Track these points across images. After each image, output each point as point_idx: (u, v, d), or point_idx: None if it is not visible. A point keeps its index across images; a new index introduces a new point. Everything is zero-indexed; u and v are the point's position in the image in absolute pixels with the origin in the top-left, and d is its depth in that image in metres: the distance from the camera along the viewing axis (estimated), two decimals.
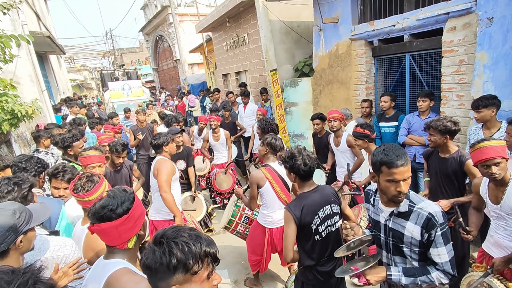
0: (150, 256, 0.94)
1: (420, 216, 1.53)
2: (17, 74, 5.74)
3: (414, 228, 1.54)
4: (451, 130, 2.56)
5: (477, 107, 2.83)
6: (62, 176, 2.32)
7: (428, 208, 1.52)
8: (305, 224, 2.00)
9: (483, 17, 3.08)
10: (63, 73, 14.46)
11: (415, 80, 4.21)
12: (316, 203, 2.04)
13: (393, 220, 1.64)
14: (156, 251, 0.93)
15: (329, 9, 5.19)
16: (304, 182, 2.10)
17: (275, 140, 2.90)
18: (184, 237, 0.96)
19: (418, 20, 3.70)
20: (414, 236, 1.55)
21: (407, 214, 1.58)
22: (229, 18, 8.47)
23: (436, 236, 1.50)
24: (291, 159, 2.04)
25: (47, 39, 7.55)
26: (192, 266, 0.93)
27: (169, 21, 16.83)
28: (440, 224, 1.49)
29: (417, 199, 1.59)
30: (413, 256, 1.61)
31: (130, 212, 1.28)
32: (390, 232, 1.66)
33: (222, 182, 4.90)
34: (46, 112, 6.44)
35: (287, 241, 2.00)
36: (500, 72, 3.02)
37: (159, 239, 0.96)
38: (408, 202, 1.58)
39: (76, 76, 29.33)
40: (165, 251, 0.92)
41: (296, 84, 6.33)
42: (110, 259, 1.31)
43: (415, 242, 1.56)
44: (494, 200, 2.06)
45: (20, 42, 3.80)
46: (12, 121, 3.79)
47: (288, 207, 2.04)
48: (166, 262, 0.91)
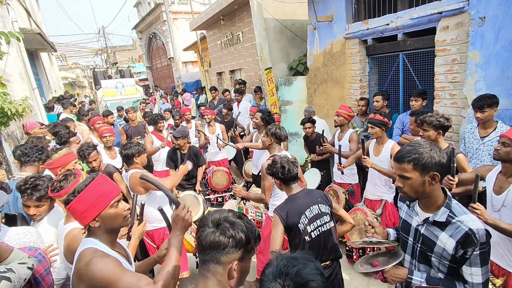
0: (218, 234, 1.06)
1: (458, 230, 1.40)
2: (7, 71, 5.63)
3: (448, 240, 1.42)
4: (444, 125, 2.62)
5: (481, 106, 2.75)
6: (30, 194, 1.95)
7: (469, 223, 1.38)
8: (292, 225, 2.01)
9: (475, 16, 3.11)
10: (54, 71, 14.25)
11: (409, 78, 4.24)
12: (303, 203, 2.08)
13: (427, 226, 1.52)
14: (228, 228, 1.06)
15: (323, 7, 5.19)
16: (288, 185, 2.18)
17: (279, 129, 2.94)
18: (244, 220, 1.12)
19: (412, 19, 3.72)
20: (447, 248, 1.43)
21: (444, 224, 1.45)
22: (223, 16, 8.43)
23: (473, 256, 1.36)
24: (272, 166, 2.18)
25: (38, 36, 7.42)
26: (253, 245, 1.11)
27: (163, 18, 16.68)
28: (480, 243, 1.35)
29: (460, 211, 1.45)
30: (441, 268, 1.50)
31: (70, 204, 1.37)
32: (421, 239, 1.56)
33: (219, 181, 4.89)
34: (37, 111, 6.34)
35: (274, 244, 2.00)
36: (492, 71, 3.06)
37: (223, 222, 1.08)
38: (448, 212, 1.45)
39: (68, 74, 28.92)
40: (237, 228, 1.07)
41: (291, 83, 6.33)
42: (85, 238, 1.43)
43: (446, 255, 1.44)
44: (497, 190, 2.09)
45: (10, 39, 3.73)
46: (2, 119, 3.73)
47: (275, 210, 2.09)
48: (238, 239, 1.06)
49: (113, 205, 1.41)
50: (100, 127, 4.29)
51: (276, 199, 2.90)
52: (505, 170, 2.07)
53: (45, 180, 2.02)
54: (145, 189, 2.86)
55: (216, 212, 1.13)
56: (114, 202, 1.41)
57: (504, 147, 2.00)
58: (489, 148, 2.81)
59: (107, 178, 1.47)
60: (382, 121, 3.13)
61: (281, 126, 2.99)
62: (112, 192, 1.42)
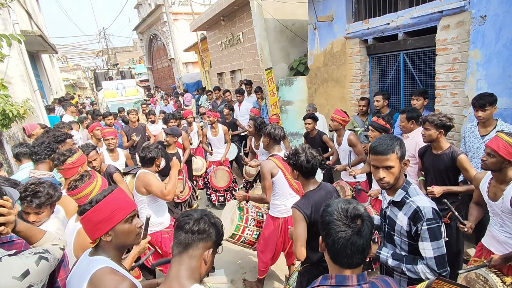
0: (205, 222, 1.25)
1: (410, 208, 1.61)
2: (8, 73, 5.65)
3: (403, 218, 1.63)
4: (446, 125, 2.61)
5: (483, 105, 2.74)
6: (30, 201, 1.89)
7: (418, 202, 1.59)
8: (315, 222, 2.01)
9: (476, 15, 3.10)
10: (55, 73, 14.29)
11: (410, 78, 4.23)
12: (323, 200, 2.04)
13: (391, 208, 1.74)
14: (213, 218, 1.30)
15: (323, 7, 5.19)
16: (307, 179, 2.14)
17: (274, 129, 2.93)
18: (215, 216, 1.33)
19: (412, 18, 3.71)
20: (403, 225, 1.64)
21: (401, 204, 1.67)
22: (224, 16, 8.44)
23: (422, 230, 1.54)
24: (295, 155, 2.10)
25: (39, 38, 7.45)
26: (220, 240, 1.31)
27: (163, 19, 16.71)
28: (427, 219, 1.53)
29: (414, 193, 1.65)
30: (403, 247, 1.70)
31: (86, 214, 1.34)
32: (387, 220, 1.77)
33: (219, 179, 4.90)
34: (39, 112, 6.35)
35: (299, 241, 1.99)
36: (493, 70, 3.05)
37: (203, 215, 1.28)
38: (404, 193, 1.67)
39: (69, 76, 29.01)
40: (219, 221, 1.30)
41: (291, 83, 6.33)
42: (94, 256, 1.36)
43: (404, 232, 1.64)
44: (492, 197, 2.08)
45: (11, 42, 3.74)
46: (3, 121, 3.74)
47: (297, 206, 2.04)
48: (218, 229, 1.28)
49: (128, 220, 1.39)
50: (103, 129, 4.28)
51: (276, 198, 2.90)
52: (495, 177, 2.05)
53: (46, 186, 1.96)
54: (147, 191, 2.88)
55: (197, 209, 1.33)
56: (129, 217, 1.39)
57: (490, 157, 1.99)
58: None
59: (124, 192, 1.46)
60: (383, 126, 3.12)
61: (277, 126, 2.98)
62: (128, 207, 1.40)
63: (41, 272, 1.36)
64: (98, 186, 2.04)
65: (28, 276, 1.28)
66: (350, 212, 1.14)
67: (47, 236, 1.60)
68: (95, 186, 2.02)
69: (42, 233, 1.59)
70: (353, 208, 1.15)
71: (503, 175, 1.98)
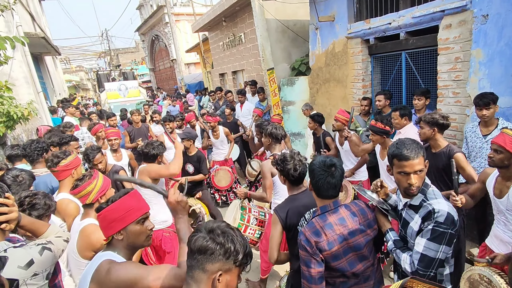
0: (208, 239, 1.05)
1: (425, 210, 1.55)
2: (12, 75, 5.70)
3: (418, 220, 1.57)
4: (438, 123, 2.62)
5: (487, 103, 2.74)
6: (29, 215, 1.79)
7: (435, 205, 1.52)
8: (291, 226, 2.00)
9: (478, 14, 3.09)
10: (59, 74, 14.38)
11: (412, 77, 4.23)
12: (303, 205, 2.03)
13: (406, 210, 1.68)
14: (219, 235, 1.06)
15: (325, 7, 5.19)
16: (293, 185, 2.14)
17: (275, 129, 2.94)
18: (236, 232, 1.10)
19: (414, 17, 3.71)
20: (415, 227, 1.58)
21: (417, 207, 1.60)
22: (225, 17, 8.46)
23: (426, 228, 1.50)
24: (283, 162, 2.08)
25: (42, 40, 7.50)
26: (241, 260, 1.06)
27: (165, 20, 16.78)
28: (436, 221, 1.47)
29: (432, 196, 1.58)
30: None
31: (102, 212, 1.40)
32: (402, 221, 1.72)
33: (221, 179, 4.90)
34: (42, 114, 6.40)
35: (272, 242, 2.00)
36: (496, 69, 3.04)
37: (214, 229, 1.07)
38: (423, 197, 1.59)
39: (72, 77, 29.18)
40: (228, 238, 1.05)
41: (293, 83, 6.33)
42: (103, 252, 1.43)
43: (414, 233, 1.59)
44: (497, 194, 2.08)
45: (15, 44, 3.78)
46: (8, 123, 3.77)
47: (275, 209, 2.07)
48: (227, 247, 1.04)
49: (140, 221, 1.43)
50: (106, 129, 4.31)
51: (277, 197, 2.91)
52: (502, 174, 2.05)
53: (41, 197, 1.91)
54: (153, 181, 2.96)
55: (212, 221, 1.13)
56: (141, 218, 1.43)
57: (497, 154, 1.98)
58: None
59: (139, 195, 1.50)
60: (383, 129, 3.08)
61: (277, 125, 2.99)
62: (141, 209, 1.44)
63: (45, 261, 1.45)
64: (99, 185, 2.07)
65: (33, 265, 1.38)
66: (327, 163, 1.62)
67: (52, 228, 1.67)
68: (95, 185, 2.06)
69: (47, 226, 1.67)
70: (329, 160, 1.64)
71: (510, 172, 1.98)
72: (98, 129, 4.71)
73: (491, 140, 2.09)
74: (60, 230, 1.71)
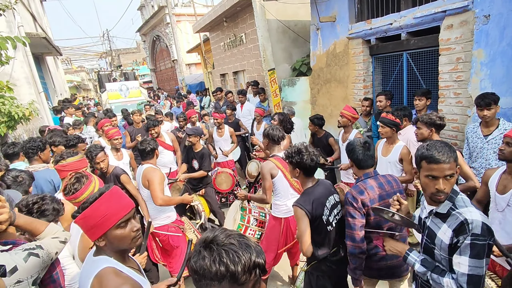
0: (199, 260, 0.90)
1: (456, 220, 1.44)
2: (13, 76, 5.71)
3: (447, 231, 1.47)
4: (436, 123, 2.69)
5: (489, 104, 2.73)
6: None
7: (467, 214, 1.41)
8: (317, 217, 2.05)
9: (479, 14, 3.08)
10: (60, 75, 14.40)
11: (413, 78, 4.22)
12: (322, 195, 2.11)
13: (432, 219, 1.58)
14: (206, 257, 0.90)
15: (326, 8, 5.19)
16: (307, 177, 2.17)
17: (272, 130, 2.95)
18: (234, 244, 0.91)
19: (415, 18, 3.70)
20: (444, 239, 1.47)
21: (445, 216, 1.50)
22: (226, 17, 8.47)
23: (464, 244, 1.37)
24: (298, 154, 2.10)
25: (44, 41, 7.52)
26: (240, 277, 0.88)
27: (166, 21, 16.81)
28: (473, 233, 1.36)
29: (462, 204, 1.48)
30: (444, 263, 1.53)
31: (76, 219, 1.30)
32: (426, 231, 1.62)
33: (222, 182, 4.89)
34: (44, 114, 6.41)
35: (304, 237, 2.01)
36: (497, 69, 3.03)
37: (209, 243, 0.92)
38: (451, 205, 1.49)
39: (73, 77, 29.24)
40: (215, 258, 0.88)
41: (294, 84, 6.33)
42: (98, 256, 1.33)
43: (444, 246, 1.48)
44: (501, 190, 2.08)
45: (16, 44, 3.79)
46: (9, 123, 3.78)
47: (298, 203, 2.07)
48: (215, 269, 0.88)
49: (120, 225, 1.30)
50: (108, 129, 4.33)
51: (278, 198, 2.91)
52: (510, 169, 2.05)
53: (49, 202, 1.84)
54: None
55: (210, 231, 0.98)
56: (121, 222, 1.30)
57: (509, 147, 1.99)
58: (493, 146, 2.78)
59: (118, 192, 1.35)
60: (393, 121, 3.05)
61: (275, 127, 3.00)
62: (120, 212, 1.30)
63: (30, 268, 1.39)
64: (96, 188, 2.03)
65: (16, 272, 1.33)
66: (361, 141, 2.04)
67: (50, 228, 1.61)
68: (94, 187, 2.02)
69: (45, 225, 1.60)
70: (363, 138, 2.07)
71: None
72: (104, 123, 4.77)
73: (504, 134, 2.11)
74: (59, 230, 1.65)
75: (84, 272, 1.35)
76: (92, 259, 1.34)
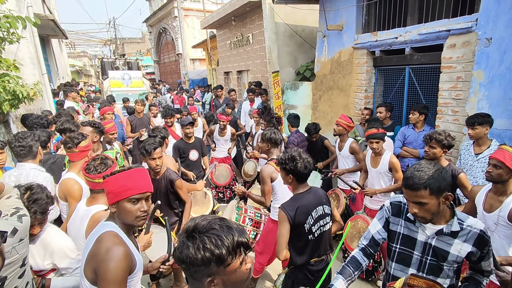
0: (184, 250, 0.95)
1: (470, 234, 1.49)
2: (18, 55, 5.69)
3: (463, 245, 1.50)
4: (451, 145, 2.70)
5: (472, 124, 2.88)
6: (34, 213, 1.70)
7: (477, 225, 1.51)
8: (299, 224, 2.06)
9: (482, 37, 3.18)
10: (63, 58, 14.35)
11: (413, 92, 4.31)
12: (310, 204, 2.11)
13: (439, 238, 1.54)
14: (190, 246, 0.94)
15: (334, 16, 5.27)
16: (300, 184, 2.18)
17: (274, 134, 3.00)
18: (216, 229, 0.96)
19: (420, 34, 3.79)
20: (461, 254, 1.51)
21: (456, 232, 1.52)
22: (235, 17, 8.52)
23: (488, 251, 1.53)
24: (292, 161, 2.10)
25: (51, 23, 7.52)
26: (226, 258, 0.94)
27: (174, 14, 16.81)
28: (489, 241, 1.52)
29: (463, 216, 1.56)
30: (449, 274, 1.58)
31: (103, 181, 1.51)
32: (431, 251, 1.57)
33: (220, 175, 4.94)
34: (46, 96, 6.41)
35: (280, 240, 2.05)
36: (495, 91, 3.13)
37: (191, 232, 0.96)
38: (458, 220, 1.52)
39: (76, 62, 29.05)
40: (199, 246, 0.93)
41: (297, 88, 6.41)
42: (106, 221, 1.51)
43: (459, 260, 1.53)
44: (488, 209, 2.12)
45: (26, 24, 3.81)
46: (12, 101, 3.80)
47: (282, 207, 2.09)
48: (201, 256, 0.92)
49: (132, 200, 1.46)
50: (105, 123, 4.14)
51: (277, 202, 2.94)
52: (496, 189, 2.10)
53: (39, 190, 1.79)
54: None
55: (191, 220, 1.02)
56: (133, 198, 1.45)
57: (496, 169, 2.02)
58: (482, 165, 2.87)
59: (143, 174, 1.52)
60: (382, 133, 3.15)
61: (276, 131, 3.05)
62: (136, 189, 1.45)
63: (26, 226, 1.52)
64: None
65: (17, 233, 1.44)
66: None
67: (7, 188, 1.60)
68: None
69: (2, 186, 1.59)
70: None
71: (504, 187, 2.04)
72: (106, 110, 4.79)
73: (490, 155, 2.14)
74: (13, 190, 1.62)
75: (93, 232, 1.51)
76: (102, 223, 1.51)
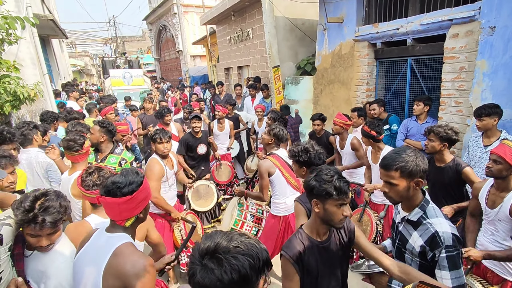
0: (208, 275, 0.85)
1: (426, 231, 1.49)
2: (19, 56, 5.71)
3: (418, 239, 1.53)
4: (451, 139, 2.54)
5: (479, 115, 2.82)
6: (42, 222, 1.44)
7: (437, 226, 1.46)
8: None
9: (485, 25, 3.12)
10: (64, 58, 14.36)
11: (416, 84, 4.26)
12: None
13: (404, 224, 1.64)
14: (215, 269, 0.85)
15: (334, 8, 5.21)
16: None
17: (282, 131, 2.97)
18: (240, 247, 0.88)
19: (422, 25, 3.73)
20: (415, 246, 1.53)
21: (416, 224, 1.55)
22: (234, 12, 8.46)
23: (440, 258, 1.42)
24: (306, 153, 2.11)
25: (51, 23, 7.51)
26: (252, 278, 0.87)
27: (174, 11, 16.73)
28: (446, 246, 1.41)
29: (432, 214, 1.53)
30: (413, 266, 1.58)
31: (135, 194, 1.36)
32: (399, 235, 1.68)
33: (222, 174, 4.95)
34: (47, 96, 6.43)
35: None
36: (499, 81, 3.08)
37: (213, 253, 0.87)
38: (422, 213, 1.54)
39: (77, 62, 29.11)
40: (226, 269, 0.84)
41: (298, 82, 6.36)
42: (114, 233, 1.41)
43: (415, 252, 1.55)
44: (490, 205, 2.10)
45: (25, 24, 3.80)
46: (14, 102, 3.81)
47: (299, 200, 2.09)
48: (228, 279, 0.84)
49: None
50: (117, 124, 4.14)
51: (276, 196, 2.94)
52: (497, 185, 2.07)
53: (53, 198, 1.52)
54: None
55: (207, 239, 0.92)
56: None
57: (496, 164, 1.99)
58: None
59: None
60: (368, 133, 3.12)
61: (283, 128, 3.02)
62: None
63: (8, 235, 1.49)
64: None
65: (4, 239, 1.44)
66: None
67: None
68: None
69: (13, 198, 1.68)
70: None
71: (506, 183, 2.01)
72: (108, 110, 4.80)
73: (491, 150, 2.09)
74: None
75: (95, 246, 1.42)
76: (106, 236, 1.42)
